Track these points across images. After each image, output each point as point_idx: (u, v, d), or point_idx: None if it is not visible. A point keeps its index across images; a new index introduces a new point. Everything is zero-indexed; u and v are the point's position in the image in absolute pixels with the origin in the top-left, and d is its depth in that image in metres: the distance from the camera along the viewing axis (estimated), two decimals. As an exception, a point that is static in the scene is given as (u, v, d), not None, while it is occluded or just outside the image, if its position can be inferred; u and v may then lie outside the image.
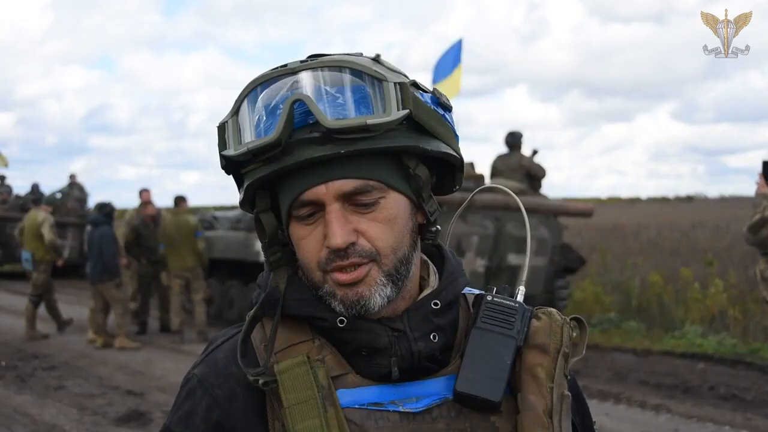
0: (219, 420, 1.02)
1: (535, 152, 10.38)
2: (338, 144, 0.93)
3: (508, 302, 1.06)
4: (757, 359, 8.23)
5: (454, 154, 1.02)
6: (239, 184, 1.03)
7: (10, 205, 17.86)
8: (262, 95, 0.97)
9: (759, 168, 6.33)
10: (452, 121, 1.04)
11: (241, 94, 0.98)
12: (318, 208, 0.97)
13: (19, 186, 30.66)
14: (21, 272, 18.53)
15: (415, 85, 1.00)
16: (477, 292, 1.13)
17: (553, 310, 1.09)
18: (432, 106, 1.00)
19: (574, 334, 1.08)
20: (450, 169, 1.06)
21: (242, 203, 1.03)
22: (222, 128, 0.99)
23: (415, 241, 1.03)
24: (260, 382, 0.97)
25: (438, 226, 1.08)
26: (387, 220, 0.98)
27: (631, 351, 8.99)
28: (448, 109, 1.03)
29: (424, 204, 1.03)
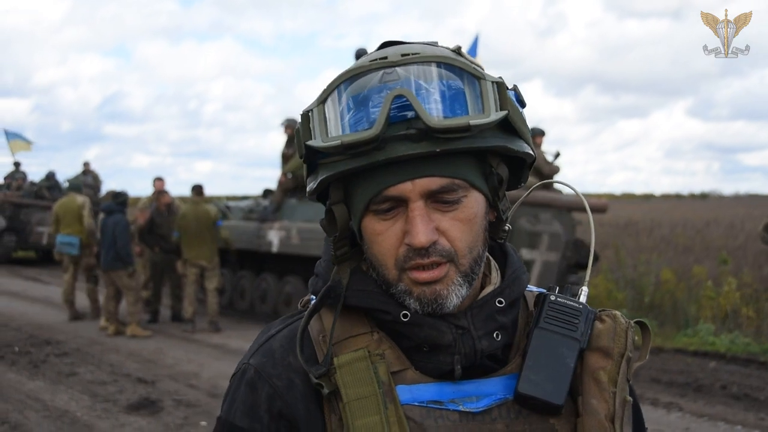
0: (281, 410, 1.00)
1: (557, 155, 10.37)
2: (434, 142, 0.90)
3: (571, 303, 1.04)
4: (771, 359, 8.17)
5: (532, 153, 1.01)
6: (310, 172, 1.00)
7: (25, 191, 17.97)
8: (351, 85, 0.94)
9: None
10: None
11: (332, 83, 0.94)
12: (398, 203, 0.95)
13: (34, 173, 30.84)
14: (34, 258, 18.75)
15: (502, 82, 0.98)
16: (536, 289, 1.11)
17: (618, 312, 1.06)
18: (517, 105, 0.98)
19: (636, 338, 1.05)
20: (520, 166, 1.04)
21: (311, 193, 1.01)
22: (306, 117, 0.96)
23: (487, 239, 1.02)
24: (324, 391, 0.96)
25: (509, 225, 1.07)
26: (467, 220, 0.96)
27: (643, 348, 8.93)
28: (524, 105, 1.02)
29: (498, 202, 1.01)
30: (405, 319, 0.98)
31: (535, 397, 0.98)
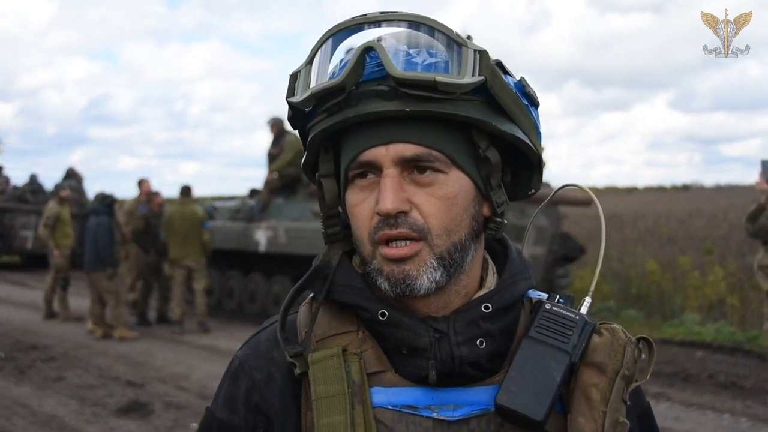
0: (258, 404, 0.99)
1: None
2: (405, 101, 0.87)
3: (567, 313, 0.98)
4: (756, 347, 8.25)
5: (530, 144, 0.95)
6: (306, 146, 0.99)
7: (8, 195, 17.80)
8: (336, 44, 0.93)
9: (758, 166, 6.37)
10: (537, 118, 0.97)
11: (317, 43, 0.93)
12: (375, 171, 0.92)
13: (17, 177, 30.54)
14: (19, 263, 18.58)
15: (500, 65, 0.94)
16: (545, 296, 1.05)
17: (618, 326, 0.99)
18: (515, 91, 0.93)
19: (643, 356, 0.98)
20: (527, 168, 0.99)
21: (305, 164, 1.00)
22: (294, 77, 0.94)
23: (476, 230, 0.96)
24: (296, 371, 0.95)
25: (504, 219, 1.00)
26: (445, 198, 0.91)
27: (630, 339, 8.99)
28: (535, 104, 0.96)
29: (491, 193, 0.95)
30: (383, 318, 0.94)
31: (514, 410, 0.92)
